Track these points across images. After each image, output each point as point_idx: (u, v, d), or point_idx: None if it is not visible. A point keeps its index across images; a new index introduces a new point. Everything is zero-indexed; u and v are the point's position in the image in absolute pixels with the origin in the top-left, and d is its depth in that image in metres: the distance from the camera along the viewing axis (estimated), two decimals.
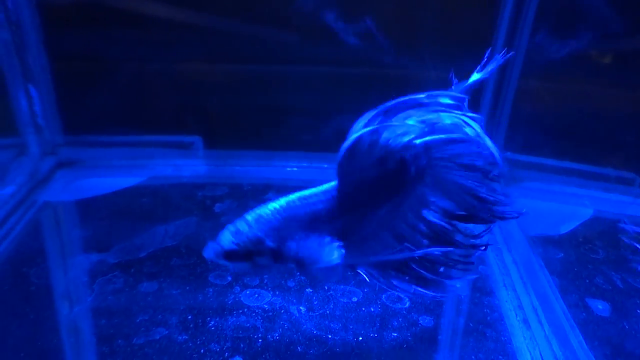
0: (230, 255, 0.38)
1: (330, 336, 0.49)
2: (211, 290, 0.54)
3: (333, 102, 0.81)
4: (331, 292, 0.54)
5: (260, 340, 0.48)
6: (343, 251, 0.36)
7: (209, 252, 0.39)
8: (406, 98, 0.37)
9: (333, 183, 0.39)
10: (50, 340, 0.47)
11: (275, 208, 0.39)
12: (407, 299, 0.54)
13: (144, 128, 0.80)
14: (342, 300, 0.54)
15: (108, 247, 0.59)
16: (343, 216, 0.38)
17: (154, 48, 0.76)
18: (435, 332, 0.50)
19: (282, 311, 0.52)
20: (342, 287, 0.55)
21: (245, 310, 0.51)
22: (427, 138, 0.36)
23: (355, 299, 0.54)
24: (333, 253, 0.36)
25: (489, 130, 0.78)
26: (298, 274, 0.42)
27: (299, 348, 0.47)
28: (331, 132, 0.82)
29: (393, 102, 0.37)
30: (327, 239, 0.37)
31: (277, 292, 0.54)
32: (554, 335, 0.50)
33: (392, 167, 0.37)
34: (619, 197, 0.74)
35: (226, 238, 0.38)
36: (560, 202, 0.75)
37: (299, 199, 0.39)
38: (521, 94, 0.75)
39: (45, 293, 0.52)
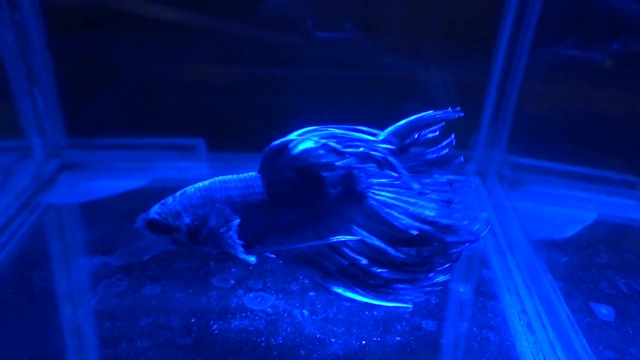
0: (152, 225, 0.40)
1: (333, 340, 0.49)
2: (214, 293, 0.54)
3: (337, 104, 0.81)
4: (334, 296, 0.54)
5: (263, 344, 0.48)
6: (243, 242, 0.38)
7: (139, 221, 0.40)
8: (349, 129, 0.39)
9: (252, 173, 0.41)
10: (54, 342, 0.47)
11: (198, 187, 0.40)
12: (411, 304, 0.54)
13: (147, 130, 0.80)
14: (345, 303, 0.54)
15: (112, 249, 0.59)
16: (260, 207, 0.39)
17: (157, 50, 0.76)
18: (439, 337, 0.50)
19: (285, 314, 0.52)
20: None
21: (249, 313, 0.51)
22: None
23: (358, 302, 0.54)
24: (235, 241, 0.38)
25: (492, 134, 0.79)
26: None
27: (302, 352, 0.47)
28: None
29: (339, 128, 0.39)
30: (237, 223, 0.39)
31: (280, 296, 0.54)
32: (558, 340, 0.50)
33: (315, 180, 0.39)
34: (622, 200, 0.74)
35: (153, 209, 0.41)
36: (563, 206, 0.75)
37: (220, 182, 0.40)
38: (524, 96, 0.75)
39: (49, 296, 0.52)
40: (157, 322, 0.49)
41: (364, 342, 0.49)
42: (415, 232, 0.40)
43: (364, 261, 0.40)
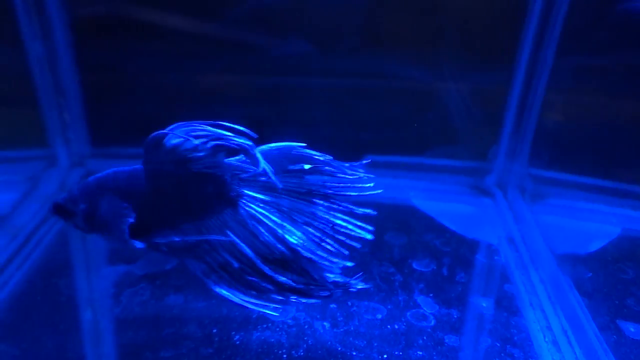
0: (56, 208, 0.41)
1: (354, 353, 0.49)
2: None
3: (351, 114, 0.82)
4: (355, 308, 0.54)
5: (285, 356, 0.48)
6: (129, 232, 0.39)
7: (50, 207, 0.41)
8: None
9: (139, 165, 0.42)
10: (79, 350, 0.48)
11: (96, 176, 0.42)
12: (432, 317, 0.54)
13: None
14: (366, 316, 0.53)
15: (135, 258, 0.60)
16: (144, 198, 0.40)
17: (176, 61, 0.77)
18: (461, 352, 0.50)
19: (306, 326, 0.52)
20: (366, 303, 0.55)
21: (270, 324, 0.51)
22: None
23: (379, 316, 0.53)
24: (125, 231, 0.39)
25: (513, 145, 0.79)
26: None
27: None
28: (349, 145, 0.83)
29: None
30: (126, 212, 0.40)
31: (300, 307, 0.54)
32: (585, 358, 0.49)
33: (189, 176, 0.40)
34: None
35: (61, 196, 0.42)
36: (586, 220, 0.74)
37: (114, 172, 0.42)
38: (547, 107, 0.74)
39: (75, 304, 0.53)
40: (179, 332, 0.50)
41: (385, 356, 0.49)
42: (276, 253, 0.40)
43: (236, 265, 0.40)
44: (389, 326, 0.52)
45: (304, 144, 0.43)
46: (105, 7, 0.72)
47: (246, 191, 0.42)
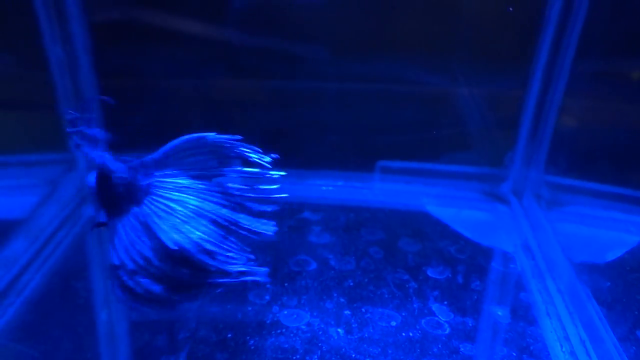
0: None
1: None
2: (250, 309, 0.54)
3: (364, 119, 0.82)
4: (369, 315, 0.54)
5: None
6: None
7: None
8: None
9: None
10: (96, 352, 0.48)
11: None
12: (447, 325, 0.53)
13: None
14: (380, 323, 0.53)
15: None
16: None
17: (191, 65, 0.78)
18: None
19: (321, 333, 0.52)
20: (380, 310, 0.55)
21: (284, 330, 0.52)
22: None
23: (393, 323, 0.53)
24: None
25: (529, 151, 0.78)
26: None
27: None
28: (364, 151, 0.83)
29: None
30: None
31: (315, 313, 0.54)
32: None
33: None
34: None
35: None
36: (604, 228, 0.73)
37: None
38: (564, 113, 0.73)
39: (93, 306, 0.54)
40: (195, 336, 0.50)
41: None
42: (175, 247, 0.40)
43: (130, 266, 0.42)
44: (403, 334, 0.52)
45: (213, 133, 0.46)
46: (122, 12, 0.73)
47: (155, 190, 0.44)
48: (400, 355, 0.49)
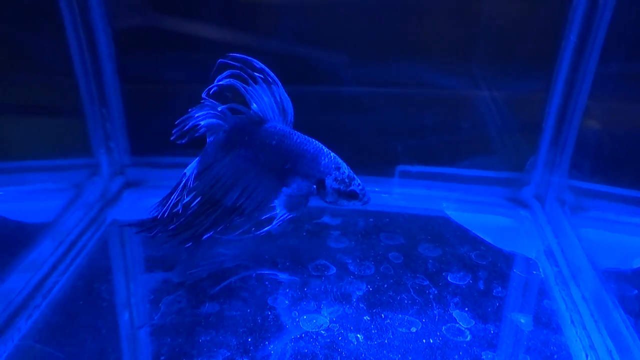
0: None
1: None
2: (270, 313, 0.54)
3: (383, 123, 0.81)
4: (389, 321, 0.54)
5: None
6: None
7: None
8: None
9: None
10: (119, 354, 0.49)
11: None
12: (468, 332, 0.53)
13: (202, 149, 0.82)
14: (400, 329, 0.53)
15: (172, 266, 0.61)
16: None
17: (211, 70, 0.79)
18: None
19: (340, 338, 0.52)
20: (400, 316, 0.55)
21: (303, 335, 0.52)
22: None
23: (414, 329, 0.53)
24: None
25: (552, 156, 0.76)
26: None
27: None
28: (384, 155, 0.82)
29: None
30: None
31: (334, 319, 0.54)
32: None
33: None
34: None
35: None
36: (630, 234, 0.71)
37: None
38: (589, 116, 0.72)
39: (116, 309, 0.55)
40: (215, 340, 0.51)
41: None
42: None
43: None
44: (423, 340, 0.51)
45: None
46: (145, 20, 0.75)
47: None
48: None
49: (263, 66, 0.56)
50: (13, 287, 0.55)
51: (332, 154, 0.58)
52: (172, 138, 0.59)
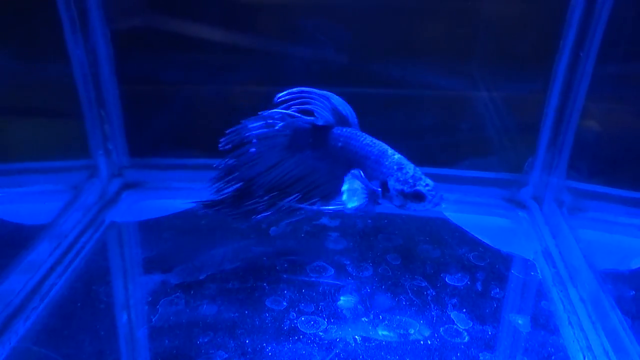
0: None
1: None
2: (268, 315, 0.54)
3: (382, 124, 0.81)
4: (387, 322, 0.54)
5: None
6: None
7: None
8: None
9: None
10: (117, 356, 0.49)
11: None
12: (466, 334, 0.53)
13: (203, 151, 0.83)
14: (398, 331, 0.53)
15: (170, 267, 0.61)
16: None
17: (210, 71, 0.79)
18: None
19: (338, 339, 0.52)
20: (398, 317, 0.55)
21: (301, 337, 0.52)
22: None
23: (412, 331, 0.53)
24: None
25: (550, 157, 0.77)
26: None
27: None
28: None
29: None
30: None
31: (332, 320, 0.54)
32: None
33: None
34: None
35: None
36: (628, 235, 0.71)
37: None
38: (587, 117, 0.72)
39: (114, 311, 0.55)
40: (213, 342, 0.51)
41: None
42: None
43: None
44: (421, 342, 0.52)
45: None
46: (143, 20, 0.75)
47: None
48: None
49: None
50: (11, 289, 0.55)
51: (396, 155, 0.56)
52: (220, 147, 0.59)
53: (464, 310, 0.56)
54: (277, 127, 0.57)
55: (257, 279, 0.60)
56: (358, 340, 0.52)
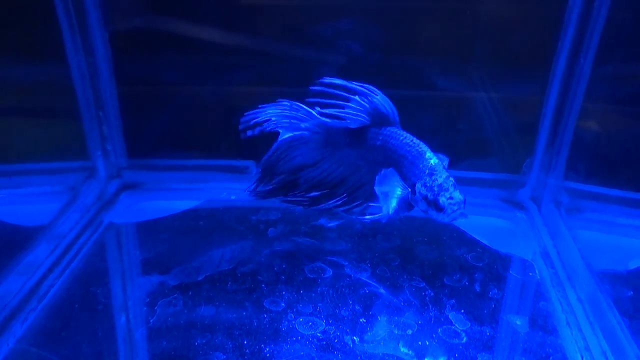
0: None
1: None
2: (266, 316, 0.54)
3: None
4: (385, 323, 0.54)
5: None
6: None
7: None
8: None
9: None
10: (114, 358, 0.49)
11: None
12: (464, 334, 0.53)
13: (201, 152, 0.83)
14: (396, 332, 0.53)
15: (168, 269, 0.61)
16: None
17: (209, 72, 0.79)
18: None
19: (336, 340, 0.52)
20: (396, 318, 0.55)
21: (299, 337, 0.52)
22: None
23: (410, 332, 0.53)
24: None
25: (548, 157, 0.77)
26: None
27: None
28: None
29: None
30: None
31: (330, 321, 0.54)
32: None
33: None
34: None
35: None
36: (625, 236, 0.71)
37: None
38: (584, 117, 0.72)
39: (112, 312, 0.54)
40: (211, 343, 0.51)
41: None
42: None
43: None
44: (419, 342, 0.52)
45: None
46: (142, 21, 0.75)
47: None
48: None
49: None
50: (8, 290, 0.55)
51: (433, 159, 0.55)
52: (240, 127, 0.60)
53: (462, 311, 0.56)
54: (303, 126, 0.58)
55: (255, 280, 0.60)
56: (356, 341, 0.52)
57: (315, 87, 0.58)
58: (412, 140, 0.57)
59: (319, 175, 0.61)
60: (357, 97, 0.56)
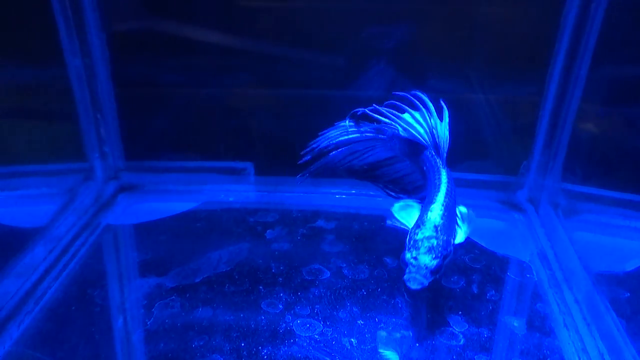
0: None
1: None
2: (263, 318, 0.54)
3: None
4: (382, 325, 0.54)
5: None
6: None
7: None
8: None
9: None
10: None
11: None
12: (461, 336, 0.53)
13: (199, 154, 0.83)
14: (394, 334, 0.53)
15: (165, 271, 0.61)
16: None
17: (206, 74, 0.79)
18: None
19: (334, 342, 0.52)
20: (394, 320, 0.55)
21: (297, 340, 0.52)
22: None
23: (408, 334, 0.53)
24: None
25: (545, 159, 0.77)
26: None
27: None
28: None
29: None
30: None
31: (328, 323, 0.54)
32: None
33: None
34: None
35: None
36: (623, 237, 0.71)
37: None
38: (582, 119, 0.72)
39: (109, 315, 0.54)
40: (209, 345, 0.50)
41: None
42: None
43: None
44: (417, 344, 0.52)
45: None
46: (140, 23, 0.75)
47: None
48: None
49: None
50: (5, 293, 0.55)
51: (436, 212, 0.51)
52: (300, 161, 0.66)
53: (460, 312, 0.56)
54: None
55: (252, 282, 0.60)
56: (354, 343, 0.52)
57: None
58: (439, 183, 0.55)
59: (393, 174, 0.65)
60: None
